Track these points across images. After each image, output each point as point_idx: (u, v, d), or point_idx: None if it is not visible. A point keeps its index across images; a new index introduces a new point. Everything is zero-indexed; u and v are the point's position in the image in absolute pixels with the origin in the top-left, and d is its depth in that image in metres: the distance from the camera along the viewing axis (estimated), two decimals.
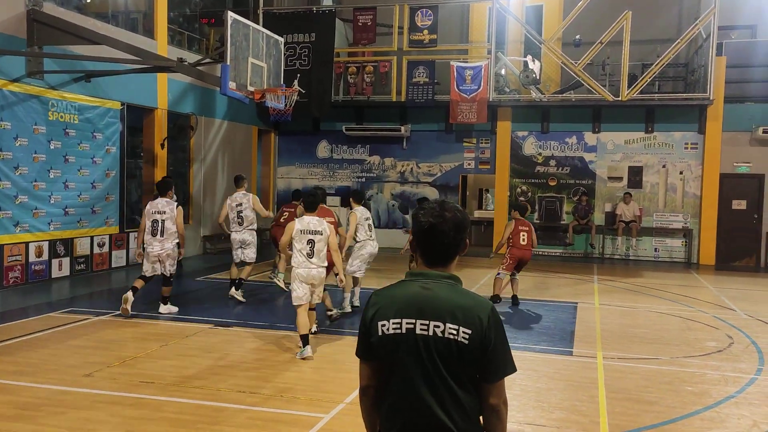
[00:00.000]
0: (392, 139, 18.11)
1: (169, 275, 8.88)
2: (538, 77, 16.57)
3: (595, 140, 16.92)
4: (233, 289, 10.06)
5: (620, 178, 16.82)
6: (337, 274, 7.36)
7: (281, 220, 10.94)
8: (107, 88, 12.40)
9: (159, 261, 8.75)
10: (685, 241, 16.49)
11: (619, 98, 15.33)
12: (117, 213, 12.88)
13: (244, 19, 10.53)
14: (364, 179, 18.56)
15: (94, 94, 12.12)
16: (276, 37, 11.61)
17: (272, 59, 11.30)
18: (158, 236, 8.70)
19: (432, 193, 17.89)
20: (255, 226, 10.23)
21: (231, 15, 9.93)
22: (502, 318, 7.80)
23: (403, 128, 17.65)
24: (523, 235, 10.32)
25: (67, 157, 11.61)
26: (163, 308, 8.98)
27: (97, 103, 12.22)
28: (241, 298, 9.98)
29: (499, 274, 10.47)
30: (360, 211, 9.40)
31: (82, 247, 12.05)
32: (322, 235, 6.94)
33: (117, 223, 12.89)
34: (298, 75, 13.26)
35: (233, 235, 10.14)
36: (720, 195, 16.12)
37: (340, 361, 6.87)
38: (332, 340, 7.78)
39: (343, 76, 17.69)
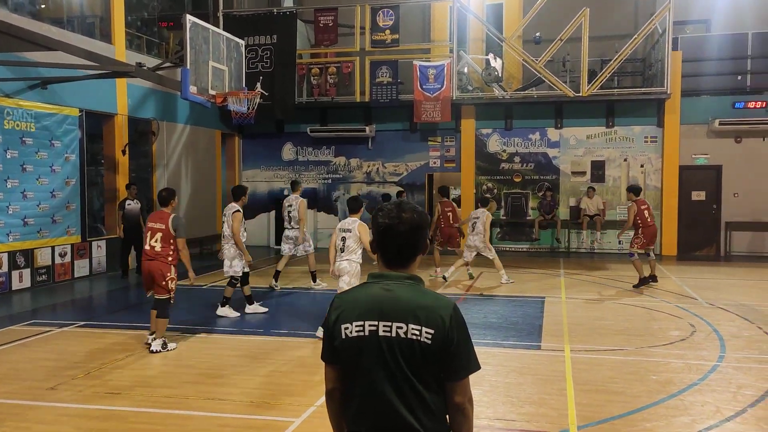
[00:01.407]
0: (357, 140, 18.10)
1: (228, 278, 9.24)
2: (500, 75, 16.75)
3: (557, 136, 17.16)
4: (273, 280, 11.54)
5: (583, 173, 17.08)
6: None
7: None
8: (64, 94, 12.14)
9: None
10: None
11: (580, 94, 15.57)
12: (78, 222, 12.63)
13: (203, 23, 10.42)
14: (330, 180, 18.52)
15: (51, 101, 11.86)
16: (236, 39, 11.51)
17: (233, 62, 11.21)
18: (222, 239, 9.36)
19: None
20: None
21: (189, 18, 9.82)
22: (475, 316, 7.78)
23: (367, 128, 17.66)
24: (647, 213, 11.28)
25: (24, 166, 11.34)
26: (220, 310, 9.28)
27: (55, 111, 11.96)
28: (316, 285, 11.62)
29: (632, 255, 11.36)
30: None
31: (43, 258, 11.78)
32: (351, 232, 7.70)
33: (79, 232, 12.63)
34: (261, 77, 13.21)
35: (285, 232, 11.59)
36: (680, 186, 16.50)
37: (311, 364, 6.84)
38: (302, 344, 7.74)
39: (306, 78, 17.61)
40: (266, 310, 9.54)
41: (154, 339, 7.39)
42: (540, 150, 17.28)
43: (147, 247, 7.40)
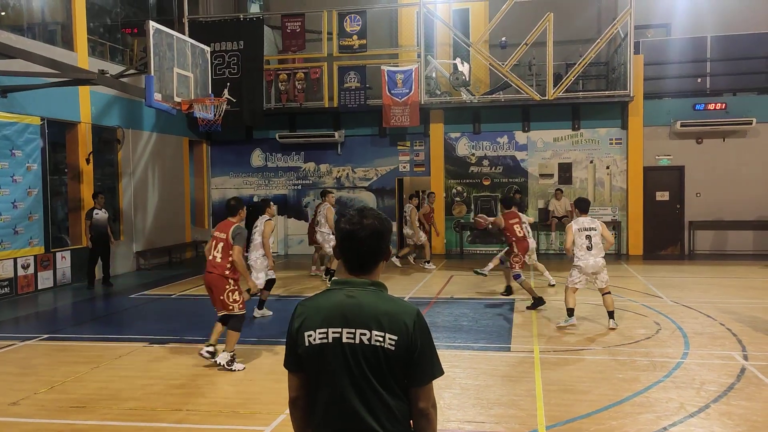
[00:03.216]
0: (327, 145, 18.08)
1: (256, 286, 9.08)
2: (467, 79, 16.87)
3: (525, 139, 17.35)
4: (328, 277, 12.46)
5: (551, 175, 17.29)
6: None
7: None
8: (25, 103, 11.90)
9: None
10: (614, 233, 17.07)
11: (546, 97, 15.77)
12: (42, 232, 12.36)
13: (167, 29, 10.32)
14: (300, 186, 18.46)
15: (10, 110, 11.60)
16: (202, 46, 11.43)
17: (199, 69, 11.12)
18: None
19: (368, 198, 17.95)
20: (327, 230, 12.38)
21: (153, 25, 9.73)
22: (446, 319, 7.77)
23: (337, 134, 17.65)
24: (518, 227, 10.15)
25: None
26: (257, 312, 9.57)
27: (15, 119, 11.71)
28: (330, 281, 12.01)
29: (519, 277, 10.00)
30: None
31: (4, 270, 11.50)
32: (596, 230, 7.94)
33: (42, 243, 12.37)
34: (228, 84, 13.10)
35: (316, 235, 12.77)
36: (644, 187, 16.81)
37: (279, 371, 6.74)
38: (270, 352, 7.69)
39: (274, 84, 17.53)
40: (271, 313, 9.81)
41: (223, 351, 6.92)
42: (508, 153, 17.45)
43: (210, 257, 7.11)
